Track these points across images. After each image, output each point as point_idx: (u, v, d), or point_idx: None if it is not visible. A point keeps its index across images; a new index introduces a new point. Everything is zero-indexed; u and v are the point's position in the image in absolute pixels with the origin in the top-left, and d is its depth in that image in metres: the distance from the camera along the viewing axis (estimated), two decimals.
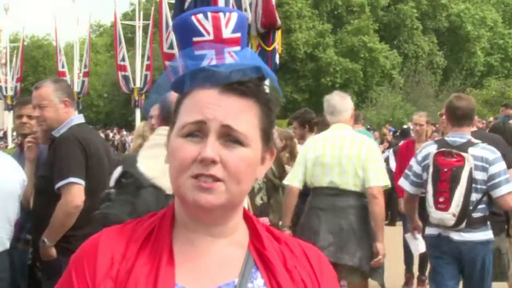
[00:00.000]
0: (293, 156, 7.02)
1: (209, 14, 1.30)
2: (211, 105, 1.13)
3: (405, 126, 15.46)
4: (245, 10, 10.85)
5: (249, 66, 1.17)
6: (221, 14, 1.31)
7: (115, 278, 1.12)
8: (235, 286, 1.16)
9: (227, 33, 1.30)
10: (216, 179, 1.11)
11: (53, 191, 3.50)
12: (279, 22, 10.83)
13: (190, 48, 1.22)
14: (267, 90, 1.21)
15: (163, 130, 2.75)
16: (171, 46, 13.68)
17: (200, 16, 1.29)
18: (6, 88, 33.89)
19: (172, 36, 21.47)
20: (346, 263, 4.34)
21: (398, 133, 16.47)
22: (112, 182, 2.76)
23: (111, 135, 36.71)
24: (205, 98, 1.14)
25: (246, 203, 5.18)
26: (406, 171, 4.71)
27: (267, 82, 1.24)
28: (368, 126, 22.98)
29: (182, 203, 1.17)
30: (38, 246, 3.63)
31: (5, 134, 36.93)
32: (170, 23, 22.41)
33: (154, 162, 2.61)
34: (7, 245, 3.55)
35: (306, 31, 40.47)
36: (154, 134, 2.96)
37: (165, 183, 2.46)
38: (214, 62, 1.18)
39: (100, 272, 1.13)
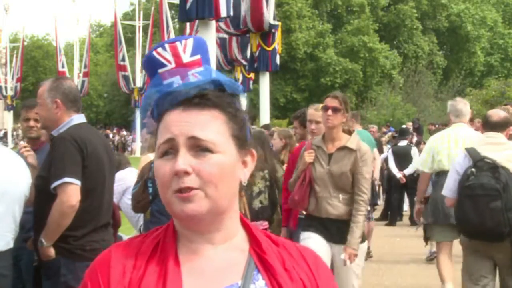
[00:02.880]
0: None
1: (167, 46, 1.41)
2: (176, 122, 1.23)
3: (404, 126, 15.47)
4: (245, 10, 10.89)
5: (205, 81, 1.26)
6: (177, 43, 1.41)
7: (128, 286, 1.22)
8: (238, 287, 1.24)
9: (186, 57, 1.39)
10: (192, 189, 1.20)
11: (51, 191, 3.50)
12: (273, 23, 10.84)
13: (158, 79, 1.32)
14: (230, 99, 1.28)
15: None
16: None
17: (160, 49, 1.41)
18: (6, 88, 33.91)
19: (172, 36, 21.47)
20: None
21: (397, 133, 16.45)
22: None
23: (111, 135, 36.72)
24: (171, 118, 1.24)
25: (243, 206, 5.20)
26: None
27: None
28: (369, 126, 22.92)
29: (174, 217, 1.27)
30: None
31: (5, 134, 36.93)
32: (170, 23, 22.49)
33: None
34: (11, 244, 3.57)
35: (306, 31, 40.49)
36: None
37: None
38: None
39: (114, 281, 1.23)
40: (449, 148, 5.80)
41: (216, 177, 1.21)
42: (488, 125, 4.87)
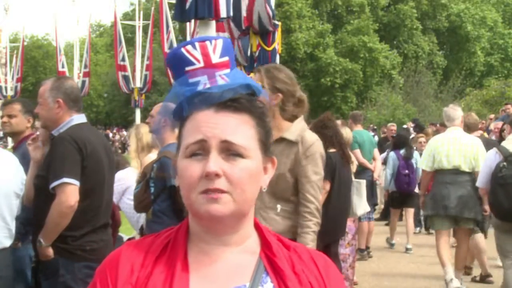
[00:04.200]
0: None
1: (197, 44, 1.39)
2: (209, 124, 1.24)
3: (404, 126, 15.46)
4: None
5: (239, 85, 1.28)
6: (207, 43, 1.40)
7: (135, 285, 1.23)
8: None
9: (215, 58, 1.38)
10: (222, 191, 1.21)
11: (50, 191, 3.50)
12: (274, 22, 10.83)
13: (185, 77, 1.33)
14: (259, 104, 1.30)
15: None
16: (171, 46, 13.67)
17: (189, 47, 1.39)
18: (6, 88, 33.89)
19: (172, 36, 21.48)
20: (468, 216, 6.58)
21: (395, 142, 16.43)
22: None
23: (111, 135, 36.71)
24: (202, 119, 1.25)
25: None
26: None
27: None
28: (370, 126, 22.92)
29: (195, 217, 1.27)
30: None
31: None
32: (170, 23, 22.46)
33: None
34: (5, 244, 3.55)
35: (306, 31, 40.48)
36: None
37: None
38: (208, 86, 1.29)
39: (121, 279, 1.24)
40: (448, 150, 6.71)
41: (244, 182, 1.22)
42: None
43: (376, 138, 21.32)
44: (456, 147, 6.70)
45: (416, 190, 9.14)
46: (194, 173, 1.21)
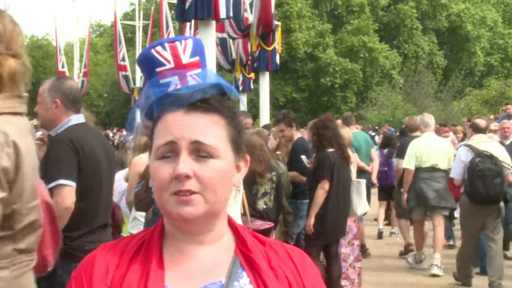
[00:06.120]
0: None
1: (167, 45, 1.40)
2: (178, 125, 1.24)
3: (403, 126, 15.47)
4: (245, 10, 10.88)
5: (208, 85, 1.28)
6: (177, 43, 1.40)
7: (110, 285, 1.23)
8: (222, 285, 1.25)
9: (186, 59, 1.39)
10: (193, 192, 1.21)
11: None
12: (275, 23, 10.83)
13: (156, 78, 1.33)
14: (230, 104, 1.30)
15: None
16: None
17: (159, 48, 1.40)
18: None
19: (172, 36, 21.41)
20: (444, 205, 7.95)
21: (398, 133, 16.47)
22: None
23: (111, 135, 36.69)
24: (172, 120, 1.25)
25: (243, 205, 5.19)
26: None
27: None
28: (370, 126, 22.91)
29: (168, 218, 1.28)
30: None
31: None
32: (170, 23, 22.47)
33: None
34: None
35: (306, 31, 40.46)
36: None
37: None
38: (179, 87, 1.29)
39: (96, 280, 1.24)
40: (428, 151, 7.98)
41: (215, 182, 1.23)
42: (477, 130, 7.43)
43: (377, 138, 21.32)
44: (433, 149, 7.99)
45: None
46: (165, 174, 1.22)
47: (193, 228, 1.26)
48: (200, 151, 1.22)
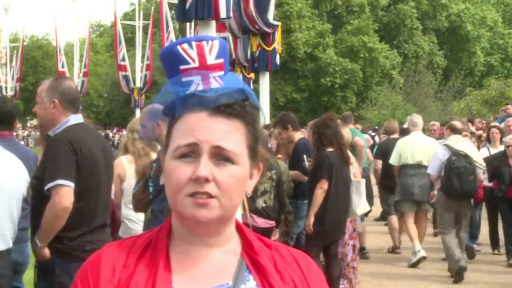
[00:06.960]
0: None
1: (193, 43, 1.38)
2: (201, 127, 1.23)
3: (404, 126, 15.44)
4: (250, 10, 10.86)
5: (234, 90, 1.27)
6: (204, 43, 1.38)
7: (117, 285, 1.23)
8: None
9: (211, 59, 1.37)
10: (210, 196, 1.21)
11: (45, 192, 3.49)
12: (275, 23, 10.81)
13: (178, 75, 1.32)
14: (251, 111, 1.30)
15: None
16: None
17: (185, 45, 1.37)
18: (6, 88, 33.89)
19: (172, 36, 21.43)
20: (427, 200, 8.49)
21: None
22: None
23: (111, 135, 36.69)
24: (195, 121, 1.24)
25: (242, 203, 5.20)
26: None
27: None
28: (369, 125, 22.83)
29: (180, 219, 1.26)
30: None
31: None
32: (170, 23, 22.47)
33: None
34: (10, 243, 3.56)
35: (306, 31, 40.44)
36: None
37: None
38: (201, 87, 1.28)
39: (103, 280, 1.23)
40: (412, 149, 8.51)
41: (233, 188, 1.23)
42: (454, 131, 8.01)
43: (377, 138, 21.30)
44: (419, 147, 8.52)
45: None
46: (183, 175, 1.21)
47: (204, 230, 1.25)
48: (220, 156, 1.22)
